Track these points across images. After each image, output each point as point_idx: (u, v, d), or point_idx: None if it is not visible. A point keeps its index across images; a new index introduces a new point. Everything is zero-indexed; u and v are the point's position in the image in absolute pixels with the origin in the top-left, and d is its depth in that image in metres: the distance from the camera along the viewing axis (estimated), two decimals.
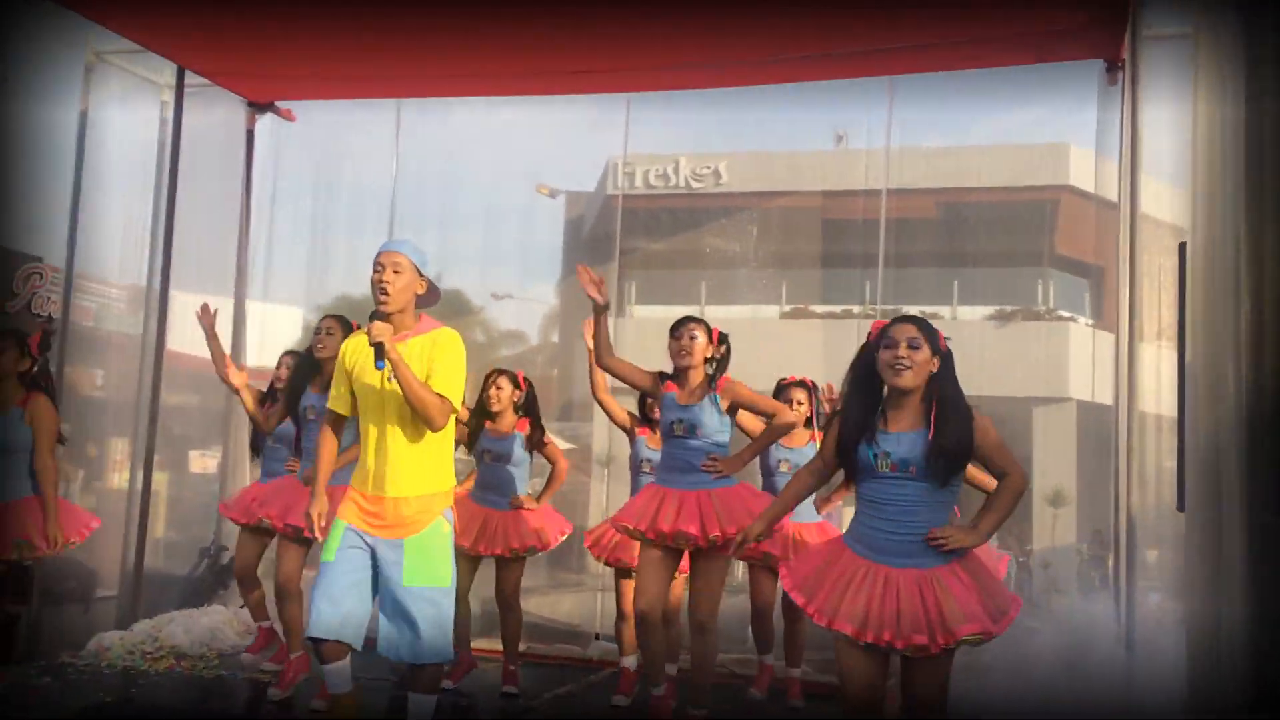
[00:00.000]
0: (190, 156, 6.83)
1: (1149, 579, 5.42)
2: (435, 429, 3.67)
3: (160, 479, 8.15)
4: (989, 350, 10.03)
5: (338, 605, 3.63)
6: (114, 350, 7.18)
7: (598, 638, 6.66)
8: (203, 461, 8.23)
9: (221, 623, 6.24)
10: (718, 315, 10.94)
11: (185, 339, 7.93)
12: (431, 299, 3.90)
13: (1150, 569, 5.48)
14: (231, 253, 7.39)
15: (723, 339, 4.67)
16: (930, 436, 3.28)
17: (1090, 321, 10.56)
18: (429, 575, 3.69)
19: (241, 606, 6.19)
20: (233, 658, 5.86)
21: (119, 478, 7.24)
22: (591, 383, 5.08)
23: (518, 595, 5.48)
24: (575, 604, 7.78)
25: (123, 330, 7.22)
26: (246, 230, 7.38)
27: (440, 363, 3.70)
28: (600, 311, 4.43)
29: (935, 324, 3.49)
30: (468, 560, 5.43)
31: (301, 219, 8.08)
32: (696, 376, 4.61)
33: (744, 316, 11.10)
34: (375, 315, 3.71)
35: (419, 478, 3.72)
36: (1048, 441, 10.20)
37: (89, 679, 5.30)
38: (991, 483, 4.69)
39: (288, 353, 5.56)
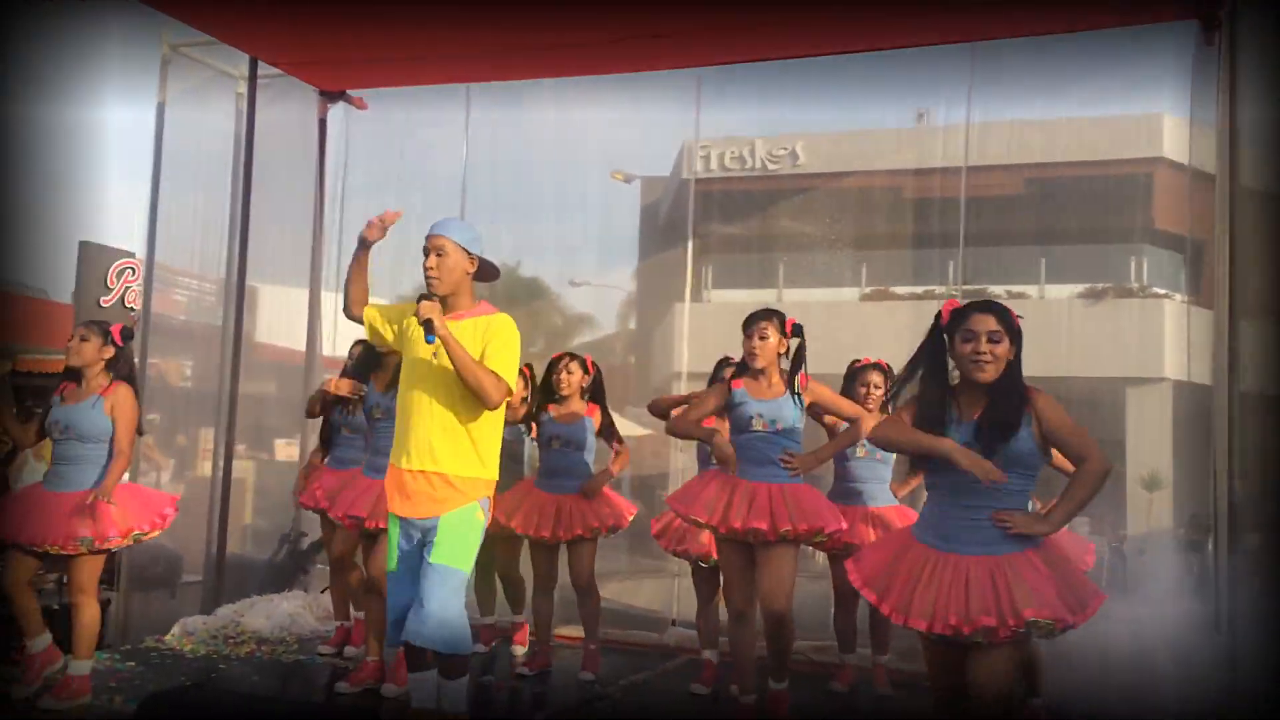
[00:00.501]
0: (265, 148, 6.91)
1: (1252, 565, 5.17)
2: (491, 406, 3.64)
3: (247, 467, 8.34)
4: (1079, 330, 9.67)
5: (406, 614, 3.66)
6: (202, 342, 7.31)
7: (674, 624, 6.59)
8: (288, 450, 8.38)
9: (301, 608, 6.32)
10: (796, 298, 10.78)
11: (270, 330, 8.11)
12: (488, 276, 3.85)
13: (1253, 555, 5.23)
14: (307, 244, 7.46)
15: (796, 330, 4.55)
16: (975, 419, 3.19)
17: (1186, 298, 10.13)
18: (451, 555, 3.64)
19: (324, 591, 6.26)
20: (311, 643, 5.92)
21: (207, 466, 7.39)
22: (657, 409, 5.01)
23: (593, 578, 5.43)
24: (654, 590, 7.72)
25: (211, 323, 7.35)
26: (320, 220, 7.44)
27: (494, 345, 3.67)
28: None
29: (1021, 304, 3.37)
30: (549, 550, 5.40)
31: (375, 209, 8.10)
32: (772, 371, 4.53)
33: (823, 299, 10.87)
34: (425, 296, 3.68)
35: (459, 457, 3.68)
36: (1142, 423, 9.83)
37: (171, 663, 5.40)
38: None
39: (358, 342, 5.58)
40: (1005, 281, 10.28)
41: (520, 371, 5.71)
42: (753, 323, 4.52)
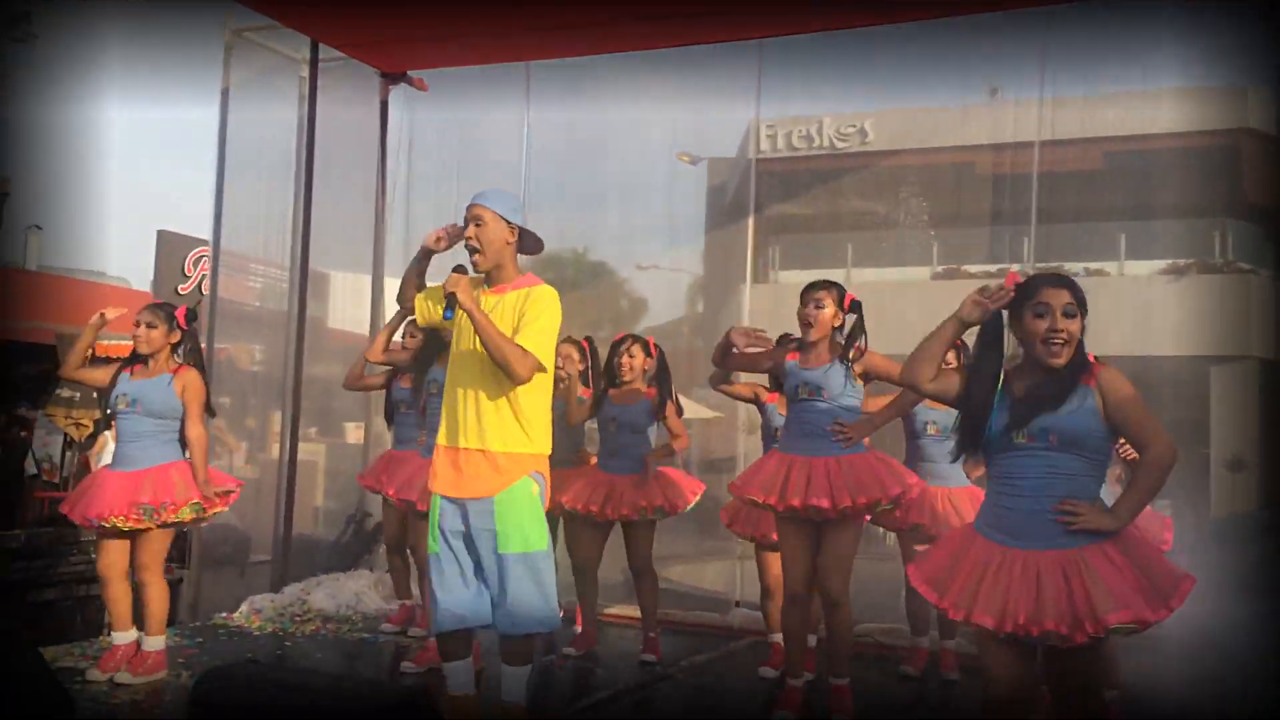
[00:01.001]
0: (328, 132, 6.95)
1: None
2: (517, 381, 3.53)
3: (318, 449, 8.46)
4: (1160, 307, 9.40)
5: (454, 596, 3.62)
6: (274, 328, 7.41)
7: (738, 605, 6.53)
8: (357, 433, 8.48)
9: (366, 587, 6.39)
10: (866, 279, 10.62)
11: (342, 316, 8.21)
12: (532, 247, 3.79)
13: None
14: (370, 229, 7.52)
15: (854, 306, 4.43)
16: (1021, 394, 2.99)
17: (1273, 273, 9.78)
18: (522, 541, 3.57)
19: (387, 571, 6.31)
20: (376, 621, 5.98)
21: (278, 448, 7.50)
22: (713, 375, 4.91)
23: (650, 561, 5.38)
24: (719, 572, 7.67)
25: (283, 309, 7.47)
26: (382, 206, 7.48)
27: (527, 316, 3.57)
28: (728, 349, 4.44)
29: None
30: (596, 529, 5.37)
31: (437, 195, 8.13)
32: (824, 344, 4.41)
33: (893, 279, 10.73)
34: (459, 268, 3.63)
35: (505, 435, 3.61)
36: (1226, 403, 9.52)
37: (239, 640, 5.49)
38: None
39: (412, 321, 5.58)
40: (1083, 258, 10.00)
41: (579, 344, 5.66)
42: (809, 291, 4.39)
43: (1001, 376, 3.08)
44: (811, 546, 4.40)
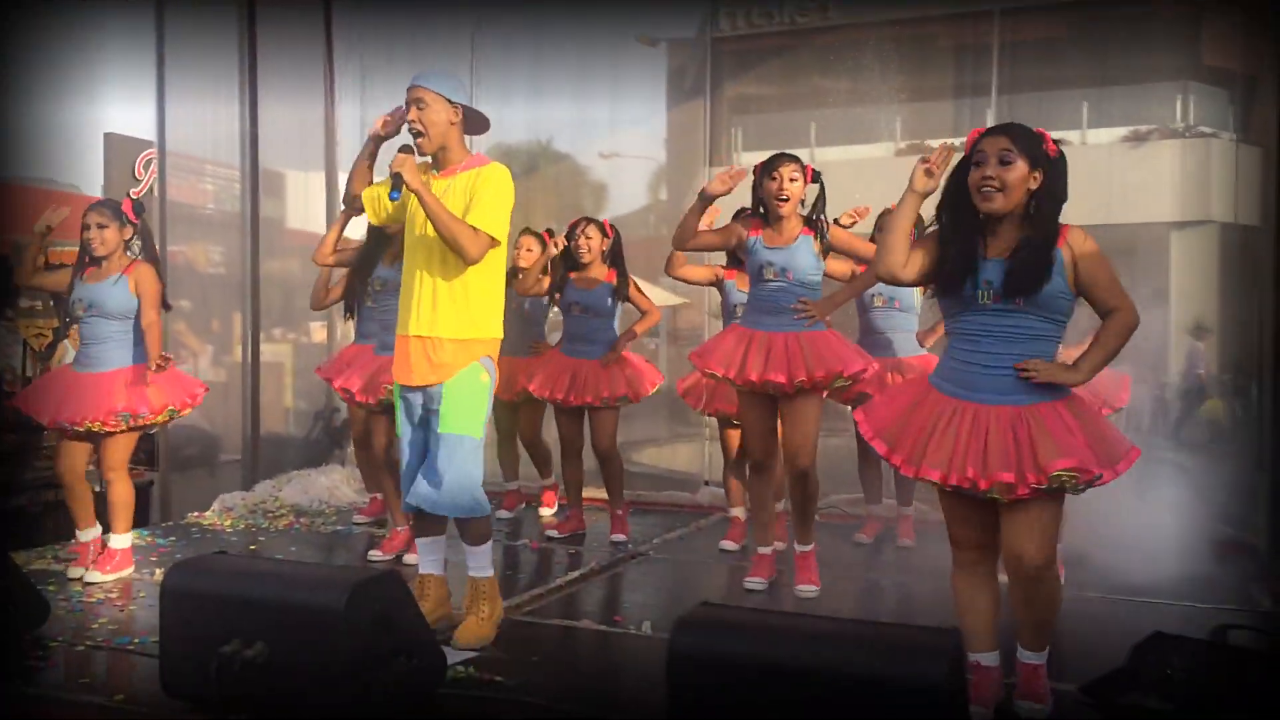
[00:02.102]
0: (270, 26, 6.73)
1: None
2: (469, 261, 3.50)
3: (284, 350, 8.42)
4: (1121, 175, 9.38)
5: (414, 478, 3.70)
6: (229, 229, 7.28)
7: (707, 484, 6.65)
8: (322, 332, 8.45)
9: (339, 481, 6.45)
10: (830, 156, 10.51)
11: (298, 216, 8.08)
12: (477, 127, 3.72)
13: None
14: (320, 126, 7.36)
15: (816, 177, 4.37)
16: (1006, 257, 2.95)
17: (1235, 136, 9.74)
18: (461, 424, 3.61)
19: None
20: (350, 514, 6.03)
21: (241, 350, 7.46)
22: (668, 261, 4.85)
23: (614, 444, 5.44)
24: (690, 453, 7.76)
25: (237, 210, 7.34)
26: (332, 101, 7.32)
27: (477, 195, 3.52)
28: (709, 202, 4.24)
29: (1064, 151, 3.06)
30: (569, 415, 5.41)
31: (386, 92, 7.91)
32: (791, 218, 4.35)
33: (856, 156, 10.60)
34: (405, 148, 3.56)
35: (456, 321, 3.60)
36: (1187, 268, 9.56)
37: (211, 538, 5.52)
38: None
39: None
40: (1046, 128, 9.94)
41: (539, 236, 5.61)
42: (778, 164, 4.26)
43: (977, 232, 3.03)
44: (771, 417, 4.43)
